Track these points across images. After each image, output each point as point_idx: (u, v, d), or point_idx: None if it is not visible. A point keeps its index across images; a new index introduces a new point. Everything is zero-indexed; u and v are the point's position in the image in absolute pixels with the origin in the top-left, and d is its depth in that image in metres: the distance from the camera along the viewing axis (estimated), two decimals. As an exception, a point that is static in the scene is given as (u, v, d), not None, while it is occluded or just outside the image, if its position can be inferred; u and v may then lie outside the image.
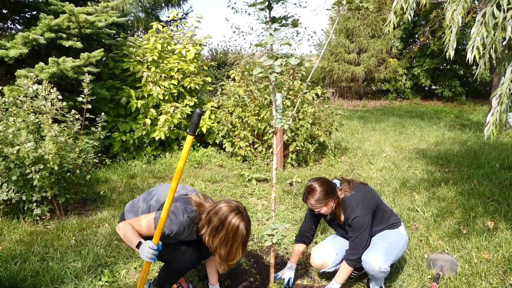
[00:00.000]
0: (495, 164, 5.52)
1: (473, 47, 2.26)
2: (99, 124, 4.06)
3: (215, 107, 6.41)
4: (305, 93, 6.06)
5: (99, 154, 4.47)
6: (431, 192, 4.50)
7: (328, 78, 14.98)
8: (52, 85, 3.74)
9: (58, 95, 3.67)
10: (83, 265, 2.85)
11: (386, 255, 2.44)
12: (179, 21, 9.23)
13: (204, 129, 6.11)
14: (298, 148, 5.65)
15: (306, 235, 2.80)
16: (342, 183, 2.60)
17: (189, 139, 1.87)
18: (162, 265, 2.50)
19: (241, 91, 6.06)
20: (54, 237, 3.34)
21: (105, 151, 5.72)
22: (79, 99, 3.92)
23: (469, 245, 3.18)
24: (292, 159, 5.72)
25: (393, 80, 15.10)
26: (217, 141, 6.13)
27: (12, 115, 3.55)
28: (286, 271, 2.80)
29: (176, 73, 6.14)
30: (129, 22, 11.06)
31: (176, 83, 6.11)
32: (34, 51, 4.83)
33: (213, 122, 6.21)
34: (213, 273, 2.55)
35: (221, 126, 5.95)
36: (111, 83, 5.73)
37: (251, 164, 5.72)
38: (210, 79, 6.68)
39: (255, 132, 5.90)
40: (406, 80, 15.01)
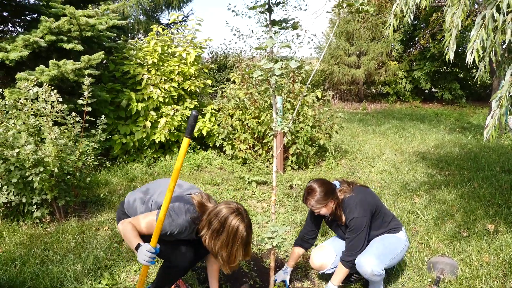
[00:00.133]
0: (495, 167, 5.52)
1: (473, 50, 2.26)
2: (99, 127, 4.06)
3: (215, 109, 6.41)
4: (305, 96, 6.06)
5: (99, 157, 4.47)
6: (431, 195, 4.49)
7: (328, 81, 14.99)
8: (53, 88, 3.75)
9: (59, 97, 3.67)
10: (83, 268, 2.85)
11: (379, 258, 2.43)
12: (180, 24, 9.27)
13: (204, 132, 6.11)
14: (298, 150, 5.65)
15: (306, 238, 2.79)
16: (342, 184, 2.60)
17: (186, 141, 1.87)
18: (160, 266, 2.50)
19: (241, 93, 6.06)
20: (54, 239, 3.33)
21: (105, 154, 5.71)
22: (80, 101, 3.92)
23: (470, 248, 3.17)
24: (292, 161, 5.72)
25: (393, 83, 15.10)
26: (217, 144, 6.13)
27: (13, 117, 3.55)
28: (281, 273, 2.80)
29: (177, 76, 6.15)
30: (130, 25, 11.10)
31: (176, 86, 6.12)
32: (35, 54, 4.84)
33: (213, 125, 6.21)
34: (214, 279, 2.55)
35: (221, 129, 5.95)
36: (111, 86, 5.74)
37: (251, 167, 5.71)
38: (211, 81, 6.70)
39: (255, 135, 5.90)
40: (406, 83, 15.02)
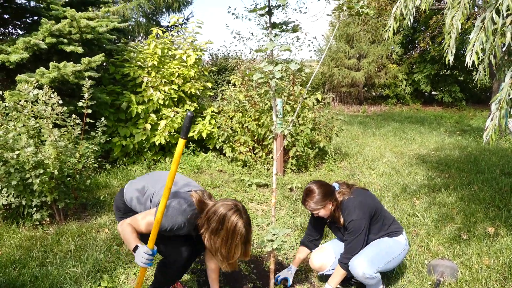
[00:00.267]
0: (495, 169, 5.52)
1: (472, 52, 2.27)
2: (99, 129, 4.07)
3: (216, 112, 6.42)
4: (305, 98, 6.06)
5: (99, 159, 4.47)
6: (431, 197, 4.49)
7: (328, 84, 15.00)
8: (53, 90, 3.75)
9: (59, 99, 3.67)
10: (83, 270, 2.84)
11: (372, 261, 2.42)
12: (180, 26, 9.29)
13: (204, 134, 6.12)
14: (298, 153, 5.65)
15: (310, 239, 2.80)
16: (341, 186, 2.60)
17: (181, 142, 1.85)
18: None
19: (242, 96, 6.07)
20: (54, 242, 3.33)
21: (105, 156, 5.71)
22: (80, 103, 3.93)
23: (470, 251, 3.17)
24: (292, 164, 5.71)
25: (393, 85, 15.12)
26: (217, 146, 6.13)
27: (13, 119, 3.56)
28: (285, 271, 2.82)
29: (177, 78, 6.15)
30: (130, 27, 11.13)
31: (176, 88, 6.12)
32: (35, 56, 4.85)
33: (213, 127, 6.22)
34: (214, 281, 2.54)
35: (221, 131, 5.95)
36: (111, 88, 5.75)
37: (251, 169, 5.71)
38: (211, 84, 6.70)
39: (255, 137, 5.90)
40: (406, 85, 15.04)
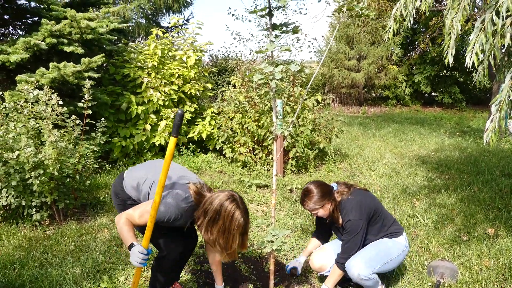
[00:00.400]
0: (495, 171, 5.52)
1: (472, 53, 2.27)
2: (99, 130, 4.07)
3: (216, 113, 6.42)
4: (305, 99, 6.07)
5: (99, 160, 4.47)
6: (431, 198, 4.49)
7: (328, 85, 15.01)
8: (53, 91, 3.76)
9: (59, 100, 3.68)
10: (82, 271, 2.84)
11: (368, 262, 2.41)
12: (180, 27, 9.29)
13: (204, 135, 6.12)
14: (298, 154, 5.65)
15: (321, 232, 2.86)
16: (339, 186, 2.59)
17: (172, 141, 1.83)
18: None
19: (242, 97, 6.07)
20: (53, 242, 3.33)
21: (105, 157, 5.71)
22: (80, 104, 3.93)
23: (470, 252, 3.16)
24: (292, 165, 5.71)
25: (393, 86, 15.12)
26: (217, 147, 6.13)
27: (13, 120, 3.56)
28: (294, 261, 2.88)
29: (177, 79, 6.16)
30: (130, 28, 11.13)
31: (176, 89, 6.12)
32: (35, 56, 4.85)
33: (213, 128, 6.22)
34: (217, 271, 2.56)
35: (221, 132, 5.95)
36: (111, 89, 5.75)
37: (251, 170, 5.71)
38: (211, 85, 6.70)
39: (255, 138, 5.90)
40: (406, 86, 15.04)
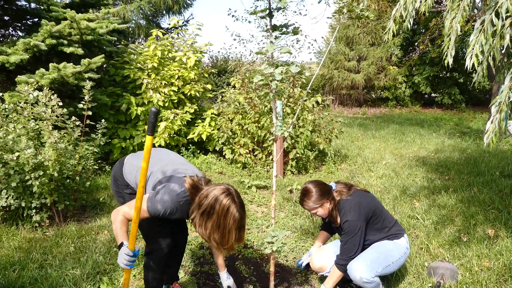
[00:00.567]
0: (495, 171, 5.52)
1: (472, 55, 2.27)
2: (99, 131, 4.06)
3: (215, 114, 6.42)
4: (305, 100, 6.07)
5: (99, 161, 4.47)
6: (431, 199, 4.49)
7: (328, 86, 15.03)
8: (53, 92, 3.75)
9: (59, 101, 3.67)
10: (82, 272, 2.84)
11: (370, 265, 2.40)
12: (180, 28, 9.30)
13: (204, 136, 6.12)
14: (298, 155, 5.65)
15: (329, 225, 2.85)
16: (338, 185, 2.58)
17: (148, 139, 1.77)
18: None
19: (241, 98, 6.07)
20: (53, 244, 3.32)
21: (105, 158, 5.71)
22: (80, 105, 3.93)
23: (470, 253, 3.16)
24: (292, 166, 5.71)
25: (393, 87, 15.14)
26: (217, 148, 6.13)
27: (13, 121, 3.56)
28: (306, 256, 2.90)
29: (177, 80, 6.16)
30: (130, 29, 11.13)
31: (176, 90, 6.13)
32: (35, 57, 4.85)
33: (213, 129, 6.22)
34: (219, 256, 2.56)
35: (221, 133, 5.95)
36: (111, 90, 5.75)
37: (251, 171, 5.71)
38: (211, 86, 6.70)
39: (255, 139, 5.91)
40: (405, 87, 15.06)
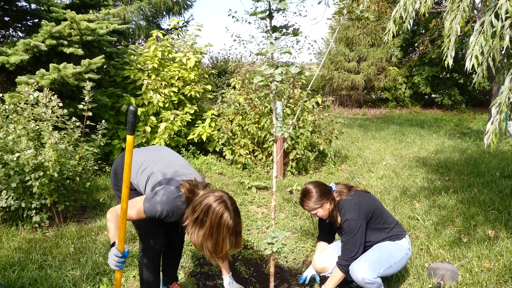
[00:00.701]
0: (495, 172, 5.51)
1: (472, 56, 2.27)
2: (100, 132, 4.06)
3: (215, 115, 6.42)
4: (305, 101, 6.07)
5: (99, 162, 4.47)
6: (431, 200, 4.49)
7: (328, 87, 15.03)
8: (53, 92, 3.76)
9: (59, 102, 3.68)
10: (82, 273, 2.84)
11: (373, 266, 2.40)
12: (180, 29, 9.31)
13: (204, 137, 6.12)
14: (298, 156, 5.65)
15: (326, 233, 2.84)
16: (338, 186, 2.58)
17: (129, 139, 1.72)
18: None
19: (242, 99, 6.07)
20: (53, 244, 3.32)
21: (105, 159, 5.71)
22: (80, 106, 3.93)
23: (470, 254, 3.16)
24: (292, 167, 5.71)
25: (393, 88, 15.14)
26: (217, 149, 6.13)
27: (13, 122, 3.56)
28: (310, 269, 2.83)
29: (177, 81, 6.16)
30: (130, 30, 11.15)
31: (176, 91, 6.13)
32: (35, 58, 4.85)
33: (213, 130, 6.22)
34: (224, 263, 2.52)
35: (221, 134, 5.95)
36: (112, 91, 5.75)
37: (251, 172, 5.71)
38: (211, 87, 6.71)
39: (255, 140, 5.91)
40: (405, 88, 15.06)
